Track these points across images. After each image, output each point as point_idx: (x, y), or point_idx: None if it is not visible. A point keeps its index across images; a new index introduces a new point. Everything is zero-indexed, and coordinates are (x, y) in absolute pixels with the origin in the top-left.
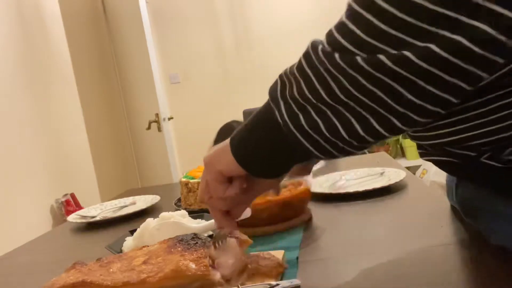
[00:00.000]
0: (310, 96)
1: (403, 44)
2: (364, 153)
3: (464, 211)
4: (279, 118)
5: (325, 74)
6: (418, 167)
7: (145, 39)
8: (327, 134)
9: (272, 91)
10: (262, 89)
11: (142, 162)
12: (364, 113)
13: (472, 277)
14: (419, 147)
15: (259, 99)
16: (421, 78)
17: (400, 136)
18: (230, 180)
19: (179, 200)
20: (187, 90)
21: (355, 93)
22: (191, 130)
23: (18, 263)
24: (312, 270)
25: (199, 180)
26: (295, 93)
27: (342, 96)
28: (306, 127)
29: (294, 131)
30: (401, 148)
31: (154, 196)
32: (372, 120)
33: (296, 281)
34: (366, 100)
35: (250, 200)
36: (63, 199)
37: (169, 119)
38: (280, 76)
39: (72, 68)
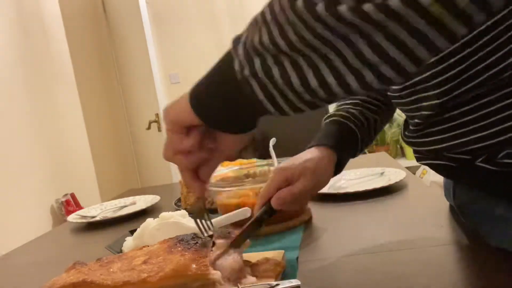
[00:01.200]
0: (269, 44)
1: None
2: (364, 153)
3: (461, 212)
4: (236, 66)
5: (285, 21)
6: (418, 167)
7: (145, 39)
8: (278, 81)
9: (235, 39)
10: None
11: (142, 162)
12: (320, 62)
13: (472, 277)
14: (415, 151)
15: None
16: (381, 31)
17: (400, 137)
18: (189, 132)
19: (179, 200)
20: (187, 90)
21: (316, 41)
22: None
23: (18, 263)
24: (312, 270)
25: None
26: (255, 41)
27: (300, 44)
28: (260, 73)
29: (247, 75)
30: (401, 148)
31: (154, 196)
32: (328, 72)
33: (296, 281)
34: (326, 48)
35: (216, 161)
36: (63, 199)
37: None
38: (247, 25)
39: (72, 68)
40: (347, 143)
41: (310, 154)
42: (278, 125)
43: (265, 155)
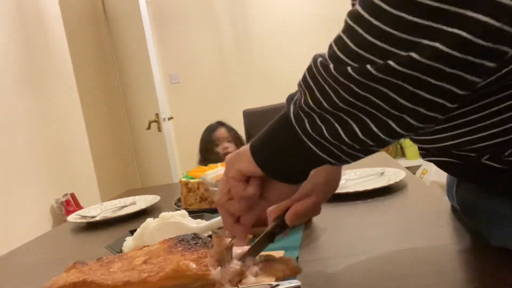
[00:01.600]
0: (313, 105)
1: (387, 54)
2: None
3: (463, 211)
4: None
5: (323, 84)
6: (418, 167)
7: (145, 39)
8: (330, 138)
9: (288, 97)
10: (262, 89)
11: (142, 162)
12: (362, 116)
13: (472, 277)
14: (420, 148)
15: (259, 99)
16: (408, 83)
17: None
18: (249, 181)
19: (179, 200)
20: (187, 90)
21: (351, 99)
22: (191, 130)
23: (18, 263)
24: (312, 270)
25: (199, 180)
26: (302, 103)
27: (340, 103)
28: (312, 133)
29: (302, 136)
30: (401, 148)
31: (154, 196)
32: (370, 124)
33: (296, 282)
34: (362, 105)
35: (263, 208)
36: (63, 199)
37: (169, 119)
38: (298, 85)
39: (72, 68)
40: None
41: None
42: None
43: None
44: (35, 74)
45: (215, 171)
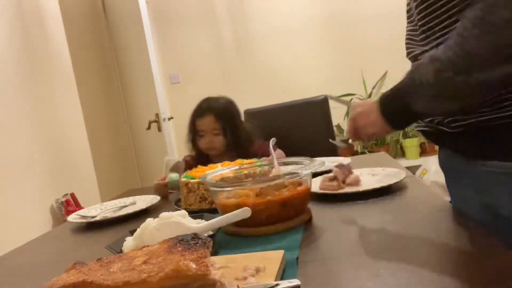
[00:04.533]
0: None
1: None
2: (364, 152)
3: (445, 176)
4: None
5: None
6: (418, 167)
7: (145, 39)
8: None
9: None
10: (262, 89)
11: (142, 162)
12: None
13: (472, 277)
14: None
15: (259, 99)
16: None
17: (400, 136)
18: None
19: (179, 200)
20: (187, 90)
21: None
22: None
23: (18, 263)
24: (312, 270)
25: (199, 180)
26: None
27: None
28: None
29: None
30: (401, 148)
31: (154, 196)
32: None
33: (296, 281)
34: None
35: None
36: (63, 199)
37: (169, 119)
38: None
39: (72, 68)
40: None
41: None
42: (277, 125)
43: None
44: (35, 74)
45: (215, 171)
